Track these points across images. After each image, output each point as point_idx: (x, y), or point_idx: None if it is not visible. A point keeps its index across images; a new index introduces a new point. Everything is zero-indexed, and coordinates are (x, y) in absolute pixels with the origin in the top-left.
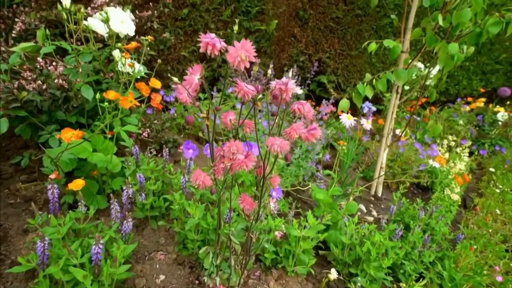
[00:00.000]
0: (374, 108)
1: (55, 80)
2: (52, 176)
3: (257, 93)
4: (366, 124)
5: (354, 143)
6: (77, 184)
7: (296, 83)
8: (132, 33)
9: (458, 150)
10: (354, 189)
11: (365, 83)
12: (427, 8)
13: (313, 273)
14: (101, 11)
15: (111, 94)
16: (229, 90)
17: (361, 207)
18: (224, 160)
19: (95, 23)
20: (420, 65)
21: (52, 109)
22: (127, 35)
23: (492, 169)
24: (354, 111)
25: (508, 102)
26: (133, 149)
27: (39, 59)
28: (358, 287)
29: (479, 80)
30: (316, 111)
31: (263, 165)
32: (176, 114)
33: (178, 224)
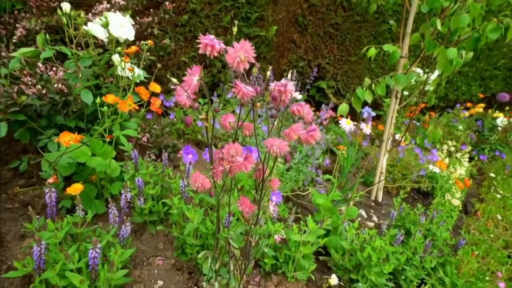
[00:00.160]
0: (374, 113)
1: (55, 85)
2: (50, 180)
3: (256, 95)
4: (366, 129)
5: (354, 148)
6: (76, 189)
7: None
8: (132, 38)
9: (458, 155)
10: (354, 194)
11: (364, 88)
12: (425, 14)
13: (313, 279)
14: (101, 17)
15: (110, 98)
16: (229, 95)
17: (362, 213)
18: (223, 163)
19: (95, 28)
20: (419, 71)
21: (52, 114)
22: (127, 40)
23: (493, 175)
24: (354, 117)
25: (507, 108)
26: (132, 153)
27: (39, 64)
28: None
29: (478, 86)
30: (316, 116)
31: (263, 168)
32: (176, 119)
33: (177, 229)
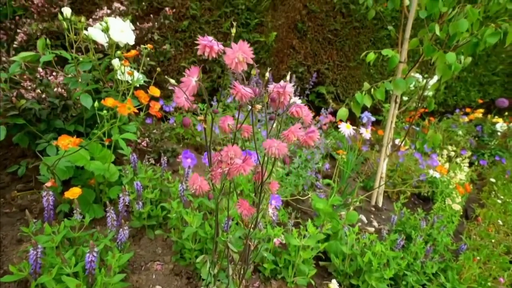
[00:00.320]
0: (373, 118)
1: (54, 89)
2: (48, 184)
3: (255, 96)
4: (366, 133)
5: (354, 153)
6: (74, 193)
7: (295, 94)
8: (132, 42)
9: (458, 160)
10: (354, 199)
11: (364, 92)
12: (424, 20)
13: (313, 284)
14: (102, 22)
15: (109, 101)
16: (229, 100)
17: (362, 218)
18: (222, 165)
19: (95, 33)
20: (418, 76)
21: (51, 118)
22: (127, 45)
23: (493, 180)
24: (353, 122)
25: (507, 113)
26: (131, 157)
27: (39, 69)
28: None
29: (477, 91)
30: (315, 121)
31: (261, 171)
32: (175, 124)
33: (176, 233)
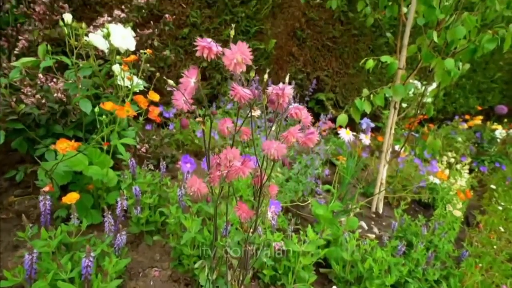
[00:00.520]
0: (373, 124)
1: (54, 94)
2: (46, 189)
3: (254, 98)
4: (365, 139)
5: (354, 159)
6: (71, 198)
7: (295, 101)
8: (133, 48)
9: (458, 167)
10: (355, 205)
11: (363, 98)
12: (422, 27)
13: None
14: (103, 28)
15: (108, 105)
16: (228, 106)
17: (362, 224)
18: (221, 168)
19: (96, 39)
20: (417, 83)
21: (50, 123)
22: (128, 51)
23: (493, 186)
24: (353, 128)
25: (506, 120)
26: (130, 162)
27: (40, 75)
28: None
29: (476, 98)
30: (315, 127)
31: (260, 174)
32: (175, 130)
33: (174, 239)
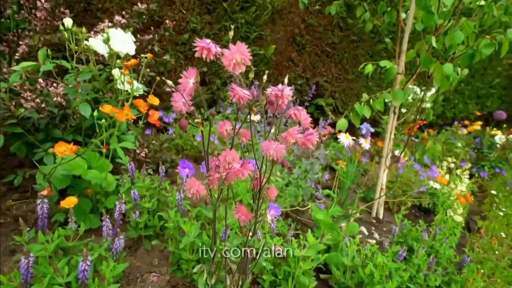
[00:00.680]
0: (372, 129)
1: (54, 99)
2: (44, 193)
3: (253, 99)
4: (365, 144)
5: (353, 164)
6: (70, 202)
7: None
8: (133, 53)
9: (458, 172)
10: (355, 210)
11: (363, 103)
12: (420, 33)
13: None
14: (103, 33)
15: (107, 108)
16: (228, 111)
17: (363, 230)
18: (220, 170)
19: (96, 43)
20: (416, 88)
21: (49, 127)
22: (127, 55)
23: (494, 192)
24: (353, 133)
25: (505, 125)
26: (129, 166)
27: (40, 80)
28: None
29: (475, 104)
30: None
31: (260, 176)
32: (175, 135)
33: (173, 244)
